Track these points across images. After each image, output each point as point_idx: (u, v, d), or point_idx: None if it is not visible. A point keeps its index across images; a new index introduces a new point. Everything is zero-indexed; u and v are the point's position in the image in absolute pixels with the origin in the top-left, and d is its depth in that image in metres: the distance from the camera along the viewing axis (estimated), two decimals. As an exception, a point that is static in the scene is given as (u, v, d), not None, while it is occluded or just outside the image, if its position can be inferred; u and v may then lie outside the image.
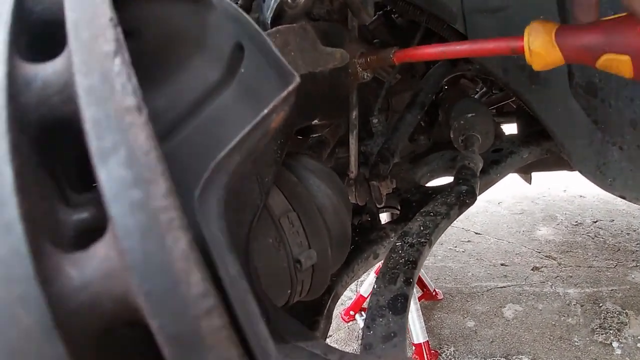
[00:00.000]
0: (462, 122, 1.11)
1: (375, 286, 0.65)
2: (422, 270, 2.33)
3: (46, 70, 0.30)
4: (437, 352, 2.01)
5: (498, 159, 1.23)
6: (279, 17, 0.66)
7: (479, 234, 3.15)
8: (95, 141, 0.25)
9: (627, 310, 2.21)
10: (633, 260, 2.67)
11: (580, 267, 2.64)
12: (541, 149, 1.29)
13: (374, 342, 0.56)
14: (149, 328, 0.23)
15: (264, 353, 0.26)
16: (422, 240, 0.73)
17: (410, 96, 1.19)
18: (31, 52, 0.32)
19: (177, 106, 0.39)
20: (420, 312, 1.94)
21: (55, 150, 0.31)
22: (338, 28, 0.75)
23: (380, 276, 0.66)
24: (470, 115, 1.10)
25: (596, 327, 2.12)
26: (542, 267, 2.66)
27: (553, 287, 2.45)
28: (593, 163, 1.14)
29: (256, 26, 0.37)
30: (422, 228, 0.78)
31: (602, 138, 1.10)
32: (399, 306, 0.60)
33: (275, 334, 0.46)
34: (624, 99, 1.04)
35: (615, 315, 2.19)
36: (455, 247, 2.96)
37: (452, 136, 1.13)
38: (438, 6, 1.01)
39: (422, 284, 2.30)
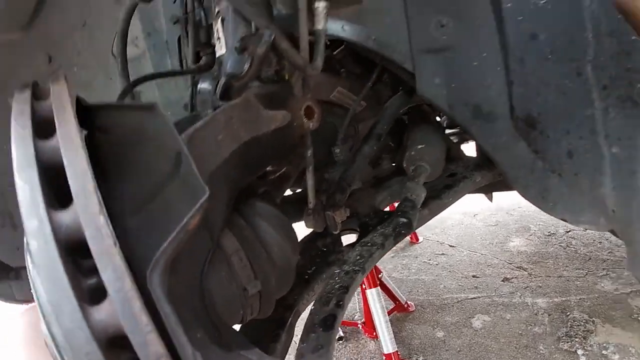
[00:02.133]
0: (412, 153, 1.20)
1: (312, 308, 0.76)
2: (392, 284, 2.44)
3: (65, 218, 0.47)
4: (404, 360, 2.12)
5: (451, 184, 1.33)
6: (228, 90, 0.76)
7: (453, 246, 3.26)
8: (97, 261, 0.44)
9: (594, 319, 2.32)
10: (603, 269, 2.78)
11: (550, 277, 2.75)
12: (492, 174, 1.39)
13: (305, 353, 0.70)
14: None
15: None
16: (356, 268, 0.84)
17: (369, 128, 1.28)
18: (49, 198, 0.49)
19: (142, 189, 0.54)
20: (389, 324, 2.04)
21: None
22: (283, 88, 0.85)
23: (318, 298, 0.78)
24: (420, 146, 1.20)
25: (562, 335, 2.23)
26: (512, 278, 2.77)
27: (522, 297, 2.56)
28: (536, 189, 1.23)
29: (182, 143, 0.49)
30: (358, 257, 0.89)
31: (543, 166, 1.19)
32: (328, 324, 0.72)
33: (224, 345, 0.61)
34: (561, 131, 1.12)
35: (582, 323, 2.30)
36: (429, 260, 3.07)
37: (404, 165, 1.23)
38: (388, 48, 1.11)
39: (393, 297, 2.40)
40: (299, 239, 1.01)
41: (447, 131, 1.70)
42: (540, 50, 1.09)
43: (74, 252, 0.48)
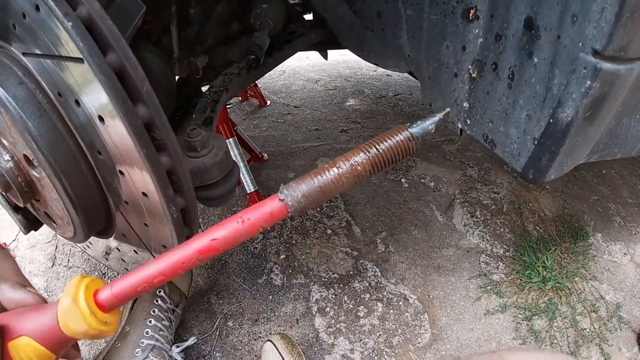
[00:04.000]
0: (258, 11, 1.44)
1: (195, 115, 1.02)
2: (249, 139, 2.67)
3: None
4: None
5: (291, 39, 1.59)
6: None
7: (298, 107, 3.49)
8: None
9: (414, 158, 2.72)
10: None
11: (379, 128, 3.09)
12: (325, 32, 1.67)
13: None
14: None
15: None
16: (222, 89, 1.12)
17: None
18: None
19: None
20: (248, 168, 2.25)
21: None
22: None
23: (197, 109, 1.04)
24: (264, 5, 1.44)
25: (389, 169, 2.61)
26: (348, 129, 3.11)
27: (356, 143, 2.77)
28: (355, 41, 1.53)
29: None
30: (222, 82, 1.15)
31: (360, 24, 1.46)
32: (208, 122, 0.99)
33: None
34: None
35: (405, 161, 2.66)
36: (278, 119, 3.29)
37: (252, 22, 1.47)
38: None
39: (249, 149, 2.60)
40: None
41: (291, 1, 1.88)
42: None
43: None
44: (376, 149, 0.58)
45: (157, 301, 1.65)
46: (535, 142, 0.94)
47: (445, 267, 1.99)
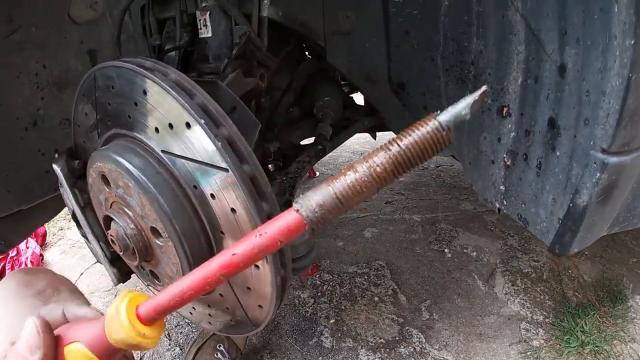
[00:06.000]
0: (320, 103, 1.68)
1: (277, 198, 1.23)
2: None
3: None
4: (317, 265, 2.54)
5: (347, 125, 1.82)
6: (227, 65, 1.19)
7: None
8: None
9: (457, 229, 2.86)
10: (465, 194, 3.32)
11: (423, 199, 3.27)
12: (376, 118, 1.89)
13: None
14: None
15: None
16: (296, 175, 1.33)
17: (287, 82, 1.69)
18: None
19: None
20: None
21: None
22: (249, 62, 1.29)
23: (278, 192, 1.25)
24: (326, 98, 1.67)
25: (433, 240, 2.76)
26: (393, 201, 3.27)
27: (401, 215, 3.06)
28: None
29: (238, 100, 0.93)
30: (296, 169, 1.37)
31: (408, 115, 1.65)
32: (288, 204, 1.18)
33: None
34: (420, 93, 1.56)
35: (448, 232, 2.83)
36: None
37: (315, 112, 1.70)
38: (310, 29, 1.48)
39: None
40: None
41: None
42: (410, 41, 1.47)
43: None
44: (398, 145, 0.48)
45: (217, 354, 1.85)
46: (560, 221, 1.10)
47: (487, 334, 2.10)
